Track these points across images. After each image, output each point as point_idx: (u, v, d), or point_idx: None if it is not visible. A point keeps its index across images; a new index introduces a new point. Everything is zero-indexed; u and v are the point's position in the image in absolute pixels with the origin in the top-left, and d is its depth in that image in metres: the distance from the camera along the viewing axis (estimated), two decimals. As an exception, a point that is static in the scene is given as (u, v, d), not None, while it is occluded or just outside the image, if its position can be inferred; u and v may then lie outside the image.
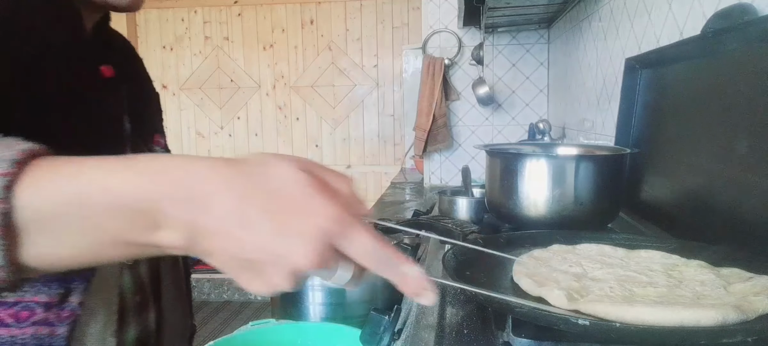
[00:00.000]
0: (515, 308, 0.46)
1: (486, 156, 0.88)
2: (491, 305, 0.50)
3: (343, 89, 3.81)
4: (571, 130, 1.99)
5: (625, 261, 0.61)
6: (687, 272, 0.57)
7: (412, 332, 0.57)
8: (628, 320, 0.44)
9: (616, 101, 1.10)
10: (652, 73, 0.99)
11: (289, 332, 0.79)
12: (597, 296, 0.49)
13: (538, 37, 2.56)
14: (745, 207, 0.67)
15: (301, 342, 0.80)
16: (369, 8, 3.71)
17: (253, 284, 0.36)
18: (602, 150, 0.91)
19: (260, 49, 3.81)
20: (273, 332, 0.78)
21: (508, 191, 0.81)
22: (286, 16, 3.77)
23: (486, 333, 0.54)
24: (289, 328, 0.80)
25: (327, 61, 3.79)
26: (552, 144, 1.43)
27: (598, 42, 1.60)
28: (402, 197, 2.38)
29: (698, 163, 0.80)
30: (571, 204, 0.77)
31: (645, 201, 0.97)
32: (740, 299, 0.48)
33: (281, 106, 3.85)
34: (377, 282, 0.96)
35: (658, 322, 0.43)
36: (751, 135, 0.66)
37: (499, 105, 2.62)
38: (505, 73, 2.62)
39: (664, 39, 1.07)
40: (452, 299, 0.65)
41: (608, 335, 0.43)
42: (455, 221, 0.75)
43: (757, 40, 0.66)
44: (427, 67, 2.60)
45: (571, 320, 0.43)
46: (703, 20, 0.82)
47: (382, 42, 3.73)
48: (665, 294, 0.50)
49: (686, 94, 0.86)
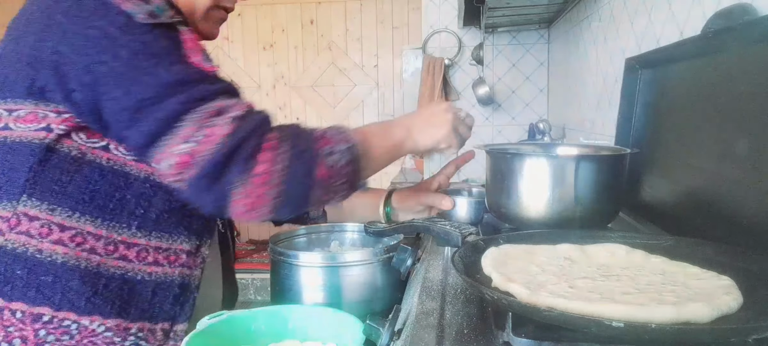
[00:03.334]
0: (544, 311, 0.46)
1: (486, 156, 0.88)
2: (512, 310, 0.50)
3: (343, 89, 3.81)
4: (571, 130, 1.99)
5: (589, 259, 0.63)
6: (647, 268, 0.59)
7: (412, 332, 0.57)
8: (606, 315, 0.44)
9: (616, 101, 1.10)
10: (652, 73, 0.99)
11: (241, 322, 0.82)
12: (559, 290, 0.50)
13: (538, 37, 2.56)
14: (745, 207, 0.67)
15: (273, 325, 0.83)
16: (369, 8, 3.70)
17: (443, 140, 0.83)
18: (602, 150, 0.91)
19: (260, 49, 3.81)
20: (228, 324, 0.80)
21: (508, 191, 0.81)
22: (286, 16, 3.76)
23: (486, 333, 0.54)
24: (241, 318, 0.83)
25: (327, 61, 3.79)
26: (552, 144, 1.43)
27: (598, 42, 1.60)
28: (402, 197, 2.38)
29: (698, 163, 0.80)
30: (571, 204, 0.77)
31: (645, 201, 0.97)
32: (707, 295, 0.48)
33: (281, 106, 3.85)
34: (377, 282, 0.96)
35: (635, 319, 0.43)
36: (751, 135, 0.66)
37: (499, 105, 2.62)
38: (505, 73, 2.62)
39: (664, 39, 1.07)
40: (452, 299, 0.65)
41: (641, 337, 0.42)
42: (453, 222, 0.75)
43: (757, 40, 0.66)
44: (427, 67, 2.60)
45: (604, 322, 0.43)
46: (703, 20, 0.82)
47: (382, 42, 3.73)
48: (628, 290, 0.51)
49: (686, 94, 0.86)
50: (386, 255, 0.96)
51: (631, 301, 0.48)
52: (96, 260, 0.70)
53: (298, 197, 0.67)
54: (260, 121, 0.67)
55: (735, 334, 0.44)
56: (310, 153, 0.67)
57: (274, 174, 0.64)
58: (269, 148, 0.65)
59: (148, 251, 0.74)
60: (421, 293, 0.68)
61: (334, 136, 0.70)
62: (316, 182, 0.67)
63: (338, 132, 0.71)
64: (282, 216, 0.72)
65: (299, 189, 0.66)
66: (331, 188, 0.69)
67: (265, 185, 0.64)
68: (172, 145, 0.63)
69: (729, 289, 0.51)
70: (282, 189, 0.65)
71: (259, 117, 0.68)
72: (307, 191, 0.67)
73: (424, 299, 0.65)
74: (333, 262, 0.95)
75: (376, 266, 0.96)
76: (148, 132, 0.63)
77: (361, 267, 0.95)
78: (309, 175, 0.66)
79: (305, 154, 0.67)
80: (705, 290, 0.51)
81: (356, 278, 0.95)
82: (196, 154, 0.62)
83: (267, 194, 0.64)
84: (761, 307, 0.48)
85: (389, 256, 0.95)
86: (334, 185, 0.69)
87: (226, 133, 0.63)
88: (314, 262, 0.96)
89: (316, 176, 0.67)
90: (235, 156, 0.63)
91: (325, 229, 1.18)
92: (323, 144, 0.69)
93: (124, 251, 0.72)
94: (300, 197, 0.67)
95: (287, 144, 0.66)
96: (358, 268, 0.95)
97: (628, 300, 0.48)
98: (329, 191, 0.69)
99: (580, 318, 0.44)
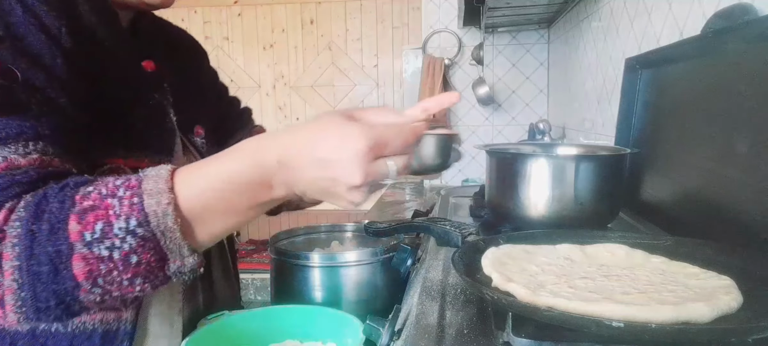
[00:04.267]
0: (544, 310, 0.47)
1: (486, 156, 0.88)
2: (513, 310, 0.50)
3: (343, 89, 3.81)
4: (571, 130, 1.99)
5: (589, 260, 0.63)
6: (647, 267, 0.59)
7: (412, 332, 0.57)
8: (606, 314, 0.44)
9: (616, 101, 1.10)
10: (652, 73, 0.99)
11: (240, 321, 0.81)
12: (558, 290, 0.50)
13: (538, 37, 2.56)
14: (745, 207, 0.67)
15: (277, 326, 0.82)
16: (369, 8, 3.70)
17: (342, 204, 0.51)
18: (602, 150, 0.91)
19: (260, 49, 3.81)
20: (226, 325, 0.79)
21: (508, 191, 0.81)
22: (286, 16, 3.76)
23: (486, 333, 0.54)
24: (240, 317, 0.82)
25: (327, 61, 3.78)
26: (552, 144, 1.43)
27: (598, 42, 1.60)
28: (402, 197, 2.38)
29: (698, 163, 0.80)
30: (571, 204, 0.77)
31: (645, 201, 0.97)
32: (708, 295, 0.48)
33: (281, 106, 3.85)
34: (377, 282, 0.96)
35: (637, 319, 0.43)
36: (751, 135, 0.66)
37: (499, 105, 2.62)
38: (505, 73, 2.62)
39: (664, 39, 1.07)
40: (452, 300, 0.65)
41: (641, 337, 0.42)
42: (454, 222, 0.74)
43: (757, 40, 0.66)
44: (427, 67, 2.60)
45: (604, 322, 0.43)
46: (703, 20, 0.82)
47: (382, 42, 3.73)
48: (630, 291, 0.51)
49: (686, 94, 0.86)
50: (386, 255, 0.96)
51: (631, 301, 0.48)
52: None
53: (55, 303, 0.46)
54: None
55: (735, 334, 0.44)
56: (59, 240, 0.45)
57: (5, 276, 0.45)
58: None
59: None
60: (421, 293, 0.68)
61: (112, 206, 0.47)
62: (80, 283, 0.46)
63: (129, 191, 0.48)
64: (50, 323, 0.54)
65: (54, 295, 0.46)
66: (111, 285, 0.47)
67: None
68: None
69: (729, 289, 0.50)
70: (25, 296, 0.45)
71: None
72: (69, 296, 0.46)
73: (424, 299, 0.65)
74: (333, 262, 0.95)
75: (376, 266, 0.96)
76: None
77: (361, 267, 0.95)
78: (60, 273, 0.45)
79: (52, 240, 0.45)
80: (705, 290, 0.51)
81: (356, 278, 0.95)
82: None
83: (7, 302, 0.46)
84: (761, 307, 0.48)
85: (389, 256, 0.95)
86: (118, 281, 0.47)
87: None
88: (314, 262, 0.96)
89: (75, 275, 0.45)
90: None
91: (325, 229, 1.18)
92: (85, 225, 0.46)
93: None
94: (58, 303, 0.47)
95: (22, 228, 0.46)
96: (358, 268, 0.95)
97: (628, 300, 0.48)
98: (112, 290, 0.48)
99: (580, 318, 0.44)
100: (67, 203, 0.47)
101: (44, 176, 0.50)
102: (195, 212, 0.49)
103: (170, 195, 0.47)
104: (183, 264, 0.50)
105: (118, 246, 0.46)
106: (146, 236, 0.46)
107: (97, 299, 0.48)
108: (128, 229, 0.46)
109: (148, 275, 0.48)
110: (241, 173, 0.50)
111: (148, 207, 0.47)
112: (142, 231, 0.46)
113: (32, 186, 0.49)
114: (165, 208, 0.47)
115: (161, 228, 0.47)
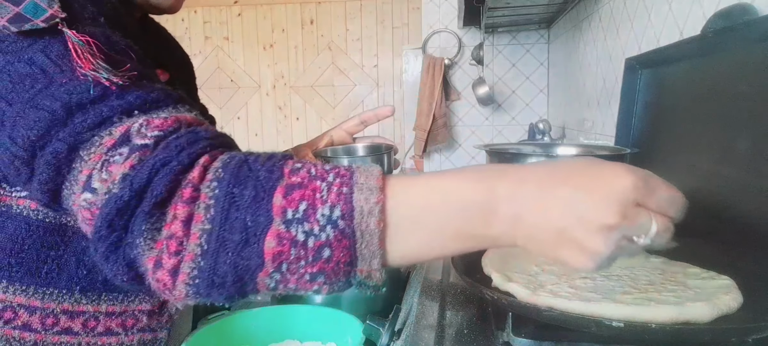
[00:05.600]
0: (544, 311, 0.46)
1: (486, 156, 0.88)
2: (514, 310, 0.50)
3: (343, 89, 3.81)
4: (571, 130, 1.99)
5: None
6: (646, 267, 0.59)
7: (412, 332, 0.57)
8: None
9: (616, 101, 1.10)
10: (652, 73, 0.99)
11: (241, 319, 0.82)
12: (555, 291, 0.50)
13: (538, 37, 2.56)
14: (745, 207, 0.67)
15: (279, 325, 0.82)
16: (369, 8, 3.70)
17: (575, 258, 0.40)
18: (602, 150, 0.91)
19: (260, 49, 3.81)
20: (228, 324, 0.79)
21: (508, 191, 0.81)
22: (286, 16, 3.77)
23: (486, 333, 0.54)
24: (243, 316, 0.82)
25: (327, 61, 3.78)
26: (552, 144, 1.43)
27: (598, 42, 1.60)
28: (402, 197, 2.38)
29: (698, 163, 0.80)
30: (571, 204, 0.77)
31: (645, 201, 0.97)
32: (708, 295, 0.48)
33: (281, 106, 3.85)
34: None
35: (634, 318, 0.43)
36: (751, 135, 0.66)
37: (499, 105, 2.62)
38: (505, 73, 2.62)
39: (664, 39, 1.07)
40: (452, 300, 0.65)
41: (641, 337, 0.42)
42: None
43: (757, 40, 0.66)
44: (427, 67, 2.60)
45: (604, 322, 0.43)
46: (703, 20, 0.82)
47: (382, 42, 3.73)
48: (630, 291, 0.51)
49: (686, 94, 0.86)
50: (386, 255, 0.96)
51: (631, 301, 0.48)
52: (31, 338, 0.56)
53: (232, 280, 0.42)
54: (181, 147, 0.44)
55: (735, 334, 0.44)
56: (260, 210, 0.41)
57: (190, 239, 0.41)
58: (186, 196, 0.42)
59: (98, 318, 0.59)
60: (421, 293, 0.68)
61: (320, 189, 0.42)
62: (265, 262, 0.41)
63: (339, 179, 0.43)
64: (217, 301, 0.46)
65: (234, 269, 0.41)
66: (293, 274, 0.42)
67: (176, 255, 0.41)
68: (76, 196, 0.45)
69: (729, 289, 0.51)
70: (204, 265, 0.41)
71: (185, 139, 0.45)
72: (249, 274, 0.42)
73: (424, 299, 0.65)
74: (333, 262, 0.95)
75: (376, 266, 0.96)
76: (44, 183, 0.46)
77: (361, 267, 0.95)
78: (249, 246, 0.41)
79: (253, 208, 0.41)
80: (705, 290, 0.51)
81: (356, 278, 0.95)
82: (94, 206, 0.44)
83: (182, 269, 0.41)
84: (761, 307, 0.48)
85: (389, 256, 0.95)
86: (301, 273, 0.42)
87: (124, 172, 0.43)
88: (314, 262, 0.95)
89: (264, 251, 0.41)
90: (138, 206, 0.42)
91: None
92: (290, 201, 0.41)
93: (66, 323, 0.58)
94: (235, 280, 0.42)
95: (220, 189, 0.42)
96: (358, 268, 0.95)
97: (628, 300, 0.49)
98: (290, 280, 0.43)
99: (580, 318, 0.44)
100: (276, 172, 0.43)
101: (217, 135, 0.47)
102: (399, 221, 0.43)
103: (381, 195, 0.42)
104: (370, 275, 0.44)
105: (316, 234, 0.41)
106: (346, 231, 0.41)
107: (270, 287, 0.43)
108: (331, 218, 0.41)
109: (332, 275, 0.43)
110: (463, 189, 0.42)
111: (355, 201, 0.41)
112: (343, 224, 0.41)
113: (213, 144, 0.46)
114: (372, 206, 0.41)
115: (362, 227, 0.41)
